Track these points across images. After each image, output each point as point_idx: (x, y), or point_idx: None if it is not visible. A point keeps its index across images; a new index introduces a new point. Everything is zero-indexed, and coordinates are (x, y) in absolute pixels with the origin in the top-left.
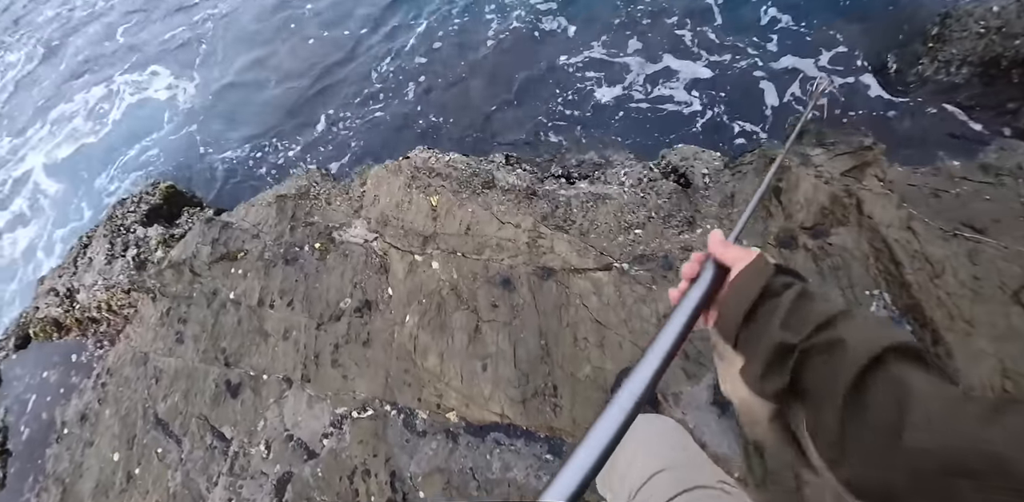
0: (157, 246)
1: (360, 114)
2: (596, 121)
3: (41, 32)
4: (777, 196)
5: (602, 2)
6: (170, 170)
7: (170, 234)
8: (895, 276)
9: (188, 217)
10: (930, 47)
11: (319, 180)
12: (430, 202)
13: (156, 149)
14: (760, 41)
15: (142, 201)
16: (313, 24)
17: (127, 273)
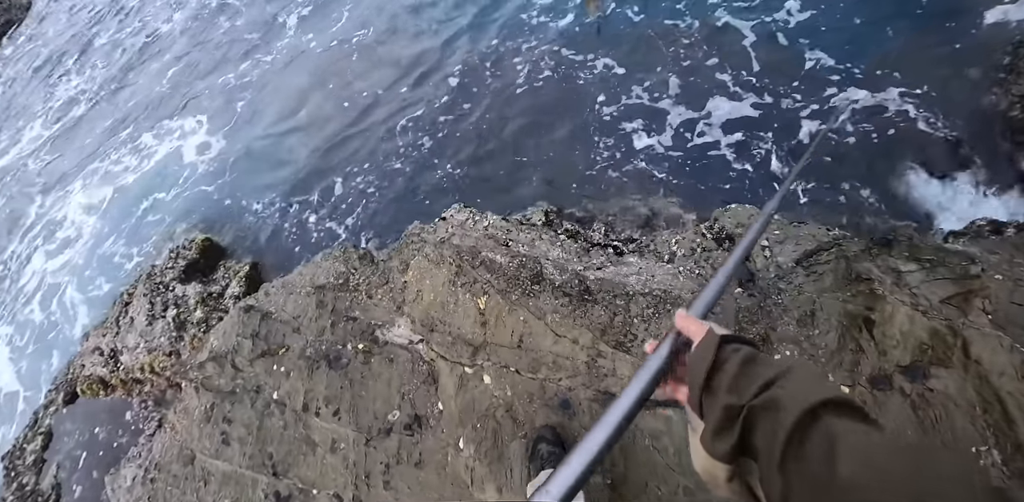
0: (196, 306)
1: (393, 168)
2: (637, 169)
3: (97, 68)
4: (869, 329)
5: (635, 46)
6: (205, 220)
7: (208, 293)
8: (1007, 435)
9: (224, 272)
10: (1002, 78)
11: (357, 264)
12: (477, 305)
13: (191, 198)
14: (805, 82)
15: (179, 257)
16: (351, 74)
17: (168, 335)
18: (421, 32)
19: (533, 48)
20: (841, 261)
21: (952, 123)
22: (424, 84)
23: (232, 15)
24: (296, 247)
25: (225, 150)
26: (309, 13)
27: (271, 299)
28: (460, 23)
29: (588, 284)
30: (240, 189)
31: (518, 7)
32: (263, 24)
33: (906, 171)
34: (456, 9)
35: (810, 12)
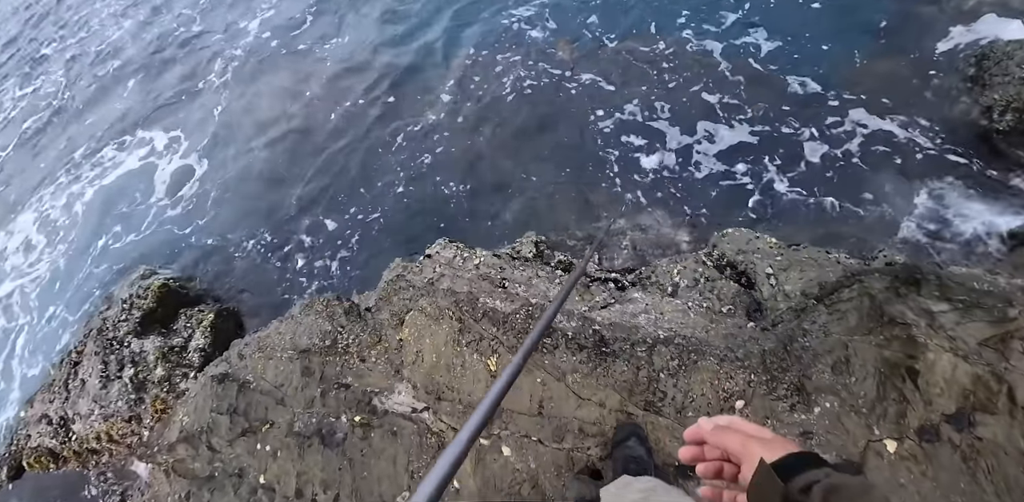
0: (156, 362)
1: (370, 197)
2: (623, 192)
3: (46, 81)
4: (913, 379)
5: (612, 69)
6: (162, 260)
7: (169, 347)
8: None
9: (186, 322)
10: (969, 88)
11: (343, 321)
12: (488, 366)
13: (148, 235)
14: (789, 102)
15: (134, 307)
16: (322, 87)
17: (126, 398)
18: (395, 40)
19: (511, 60)
20: (864, 299)
21: (925, 136)
22: (398, 99)
23: (186, 22)
24: (267, 290)
25: (184, 179)
26: (273, 16)
27: (247, 364)
28: (434, 32)
29: (602, 332)
30: (202, 224)
31: (494, 13)
32: (224, 29)
33: (885, 185)
34: (427, 23)
35: (778, 35)
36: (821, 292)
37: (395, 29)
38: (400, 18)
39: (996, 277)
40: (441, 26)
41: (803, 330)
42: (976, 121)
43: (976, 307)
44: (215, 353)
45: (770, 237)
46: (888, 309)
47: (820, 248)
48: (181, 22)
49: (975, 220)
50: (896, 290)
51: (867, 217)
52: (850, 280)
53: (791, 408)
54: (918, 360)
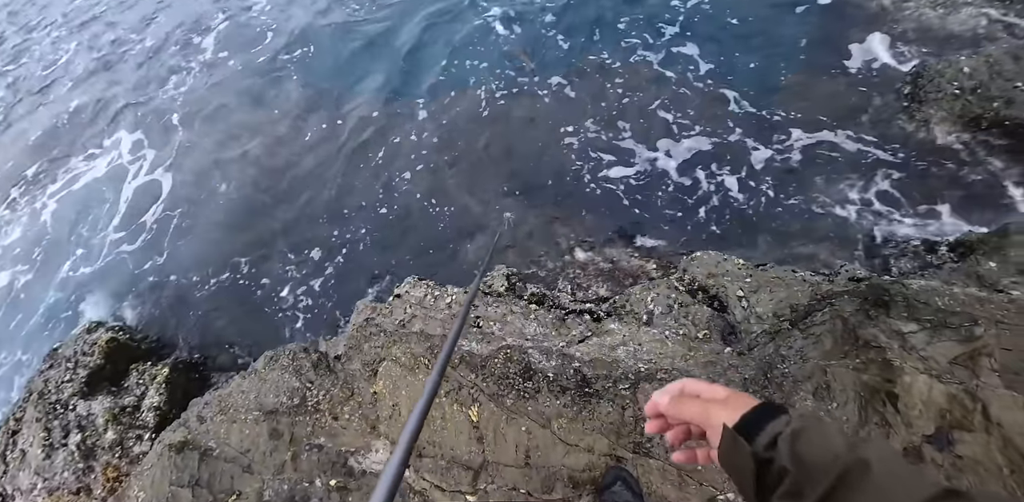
0: (106, 425)
1: (337, 237)
2: (585, 218)
3: None
4: (892, 403)
5: (567, 91)
6: (109, 309)
7: (120, 407)
8: None
9: (138, 378)
10: (905, 106)
11: (312, 375)
12: (469, 417)
13: (94, 277)
14: (735, 119)
15: (79, 365)
16: (287, 116)
17: (73, 468)
18: (355, 59)
19: (476, 80)
20: (837, 322)
21: (869, 150)
22: (357, 125)
23: (135, 43)
24: (227, 338)
25: (143, 205)
26: (227, 31)
27: (208, 428)
28: (394, 49)
29: (583, 371)
30: (159, 264)
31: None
32: (178, 46)
33: (836, 199)
34: (388, 38)
35: (716, 58)
36: (794, 316)
37: (354, 46)
38: (361, 35)
39: (952, 287)
40: (402, 42)
41: (781, 356)
42: (914, 134)
43: (944, 327)
44: (172, 411)
45: (737, 258)
46: (861, 332)
47: (786, 267)
48: (132, 40)
49: (924, 230)
50: (867, 312)
51: (823, 231)
52: (821, 303)
53: None
54: (895, 384)
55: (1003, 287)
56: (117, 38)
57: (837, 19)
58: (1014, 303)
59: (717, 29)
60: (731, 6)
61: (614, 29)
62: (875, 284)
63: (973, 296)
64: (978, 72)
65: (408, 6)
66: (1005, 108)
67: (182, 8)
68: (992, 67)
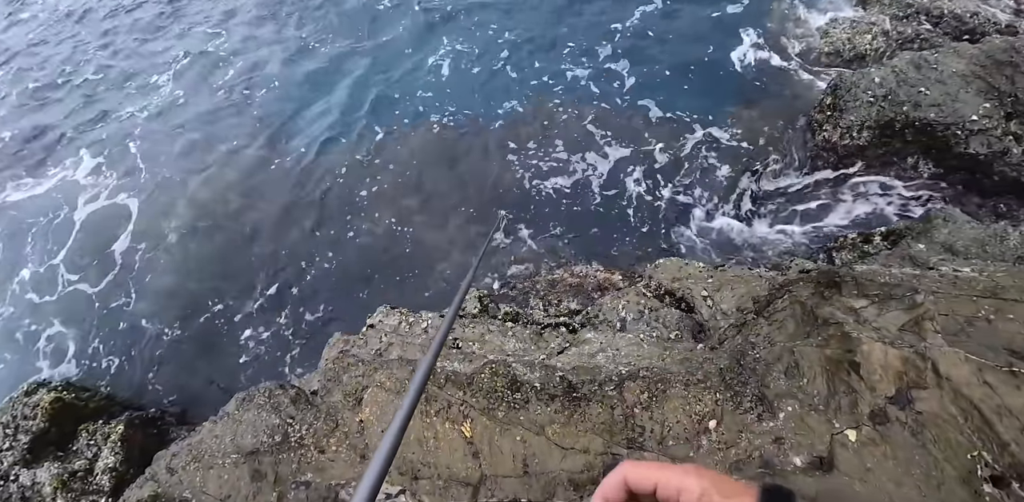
0: (55, 493)
1: (297, 274)
2: (543, 235)
3: None
4: (856, 371)
5: (511, 117)
6: (50, 364)
7: (70, 472)
8: (990, 435)
9: (88, 439)
10: (829, 115)
11: (292, 411)
12: (462, 433)
13: (31, 334)
14: (678, 133)
15: (19, 430)
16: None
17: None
18: (310, 91)
19: (428, 115)
20: (796, 306)
21: (792, 158)
22: (310, 155)
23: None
24: (188, 388)
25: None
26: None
27: (181, 479)
28: (348, 78)
29: (568, 378)
30: (100, 315)
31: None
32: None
33: (775, 204)
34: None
35: (640, 72)
36: (757, 306)
37: (312, 76)
38: (318, 67)
39: (890, 268)
40: (354, 68)
41: (750, 343)
42: (839, 141)
43: (890, 299)
44: (129, 472)
45: (697, 262)
46: (819, 312)
47: (743, 265)
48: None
49: (858, 223)
50: (821, 294)
51: (767, 231)
52: (780, 292)
53: (759, 418)
54: (856, 353)
55: (933, 265)
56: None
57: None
58: (944, 277)
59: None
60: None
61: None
62: (825, 270)
63: (909, 274)
64: (887, 80)
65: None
66: (913, 111)
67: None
68: (898, 75)
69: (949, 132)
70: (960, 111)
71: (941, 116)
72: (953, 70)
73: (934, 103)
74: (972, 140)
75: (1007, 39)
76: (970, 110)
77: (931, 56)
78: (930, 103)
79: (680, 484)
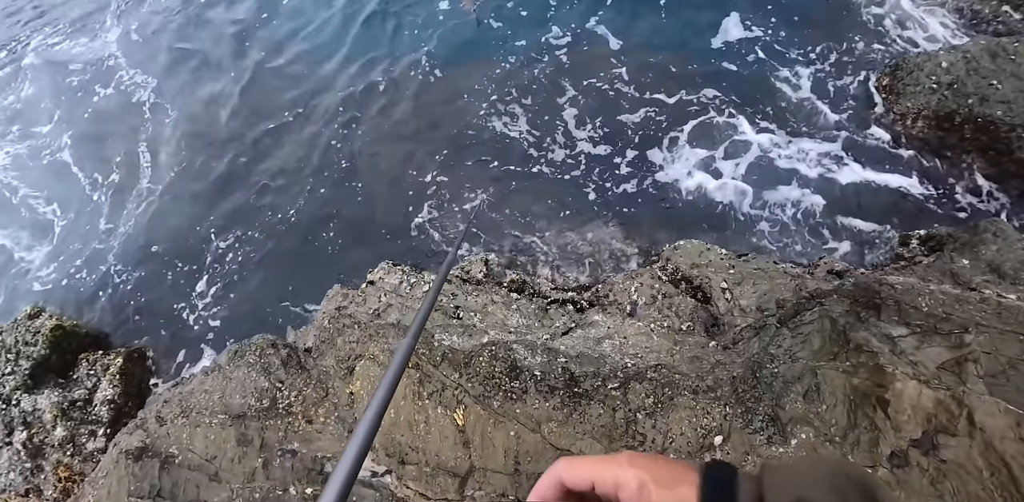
0: (55, 421)
1: (297, 218)
2: (559, 196)
3: None
4: (883, 408)
5: (512, 77)
6: (53, 296)
7: (70, 401)
8: (1015, 496)
9: (89, 368)
10: (884, 97)
11: (282, 374)
12: (454, 420)
13: (32, 267)
14: (718, 92)
15: (21, 356)
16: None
17: (20, 468)
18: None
19: (409, 71)
20: (826, 321)
21: (839, 142)
22: (307, 107)
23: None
24: (184, 324)
25: (79, 202)
26: None
27: (169, 432)
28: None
29: (571, 368)
30: (100, 250)
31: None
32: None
33: (806, 190)
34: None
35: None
36: (782, 313)
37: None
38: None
39: (928, 285)
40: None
41: (770, 355)
42: (891, 127)
43: (934, 333)
44: (127, 405)
45: (720, 248)
46: (853, 335)
47: (767, 257)
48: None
49: (895, 222)
50: (857, 314)
51: (796, 219)
52: (811, 302)
53: (768, 441)
54: (887, 390)
55: (976, 285)
56: None
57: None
58: (986, 303)
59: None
60: None
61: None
62: (861, 283)
63: (951, 295)
64: (955, 67)
65: None
66: (979, 105)
67: None
68: (969, 63)
69: (1014, 134)
70: None
71: (1009, 115)
72: None
73: (1004, 99)
74: None
75: None
76: None
77: (1010, 45)
78: (999, 99)
79: (616, 478)
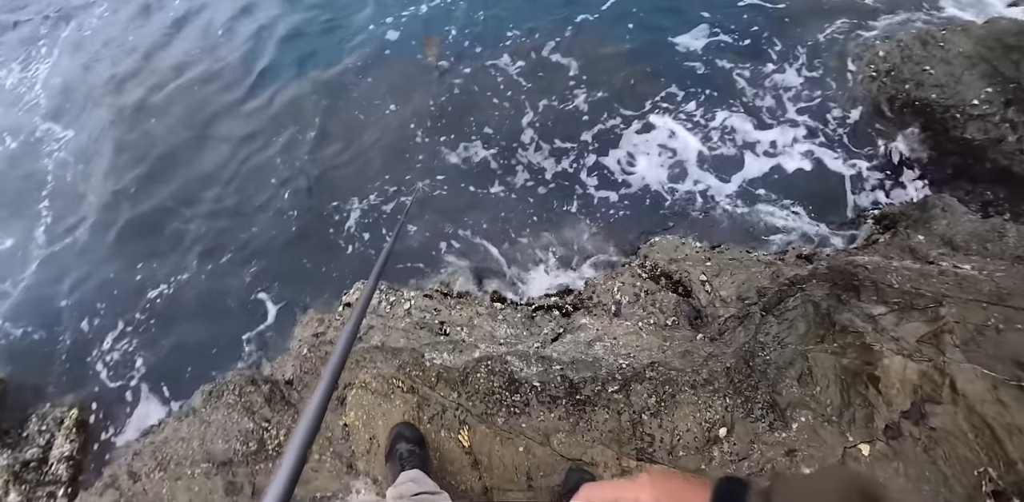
0: (7, 485)
1: (256, 237)
2: (526, 202)
3: None
4: (875, 385)
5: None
6: None
7: (22, 462)
8: (999, 453)
9: (39, 424)
10: (834, 86)
11: (267, 412)
12: (460, 442)
13: None
14: (657, 101)
15: None
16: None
17: None
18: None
19: (382, 68)
20: (808, 306)
21: (798, 129)
22: (261, 121)
23: None
24: (147, 368)
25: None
26: None
27: (145, 488)
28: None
29: (569, 376)
30: (42, 293)
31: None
32: None
33: (772, 180)
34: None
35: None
36: (765, 302)
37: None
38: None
39: (892, 261)
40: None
41: (760, 343)
42: (840, 114)
43: (911, 309)
44: (88, 460)
45: (695, 242)
46: (837, 317)
47: (740, 248)
48: None
49: (849, 204)
50: (838, 296)
51: (756, 209)
52: (792, 289)
53: (770, 427)
54: (876, 367)
55: (933, 259)
56: None
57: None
58: (945, 275)
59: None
60: None
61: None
62: (835, 266)
63: (914, 270)
64: (891, 55)
65: None
66: (915, 90)
67: None
68: (903, 51)
69: (948, 114)
70: (962, 94)
71: (943, 97)
72: (960, 50)
73: (937, 83)
74: (970, 125)
75: (1017, 21)
76: (972, 94)
77: (938, 33)
78: (933, 83)
79: (636, 501)
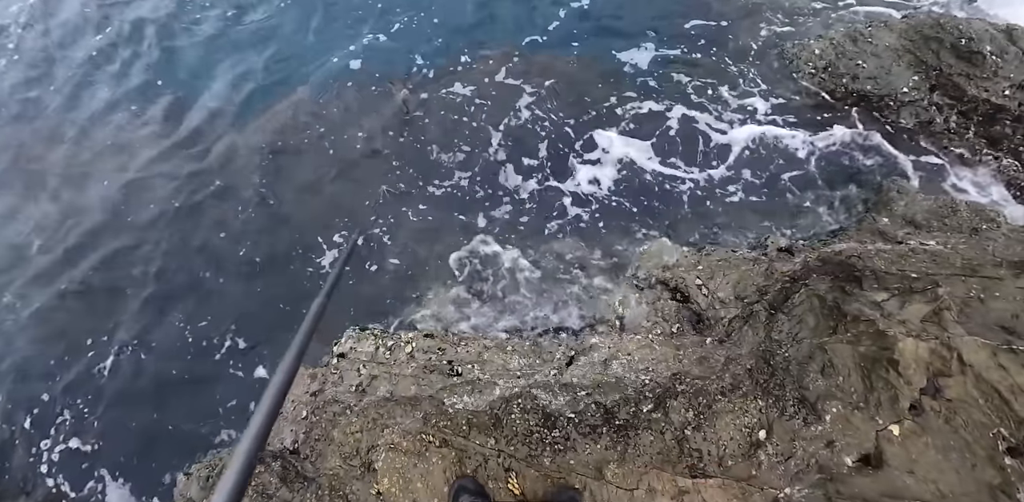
0: None
1: (226, 291)
2: (504, 229)
3: None
4: (895, 367)
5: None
6: None
7: None
8: (1008, 413)
9: None
10: (780, 83)
11: (287, 493)
12: (510, 491)
13: None
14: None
15: None
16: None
17: None
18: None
19: (352, 104)
20: (814, 300)
21: (755, 122)
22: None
23: None
24: (109, 464)
25: None
26: None
27: None
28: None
29: (601, 401)
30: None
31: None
32: None
33: (728, 172)
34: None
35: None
36: (770, 300)
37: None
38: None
39: (867, 246)
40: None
41: (775, 342)
42: (790, 109)
43: (911, 292)
44: None
45: (681, 247)
46: (847, 308)
47: (724, 248)
48: None
49: (814, 199)
50: (842, 288)
51: (725, 204)
52: (795, 286)
53: (805, 422)
54: (892, 351)
55: (901, 239)
56: None
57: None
58: (915, 252)
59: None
60: None
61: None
62: (828, 259)
63: (892, 252)
64: (826, 53)
65: None
66: (852, 83)
67: None
68: (837, 48)
69: (883, 103)
70: (893, 83)
71: (877, 88)
72: (887, 44)
73: (871, 76)
74: (903, 111)
75: (931, 14)
76: (902, 82)
77: (865, 30)
78: (867, 76)
79: None
